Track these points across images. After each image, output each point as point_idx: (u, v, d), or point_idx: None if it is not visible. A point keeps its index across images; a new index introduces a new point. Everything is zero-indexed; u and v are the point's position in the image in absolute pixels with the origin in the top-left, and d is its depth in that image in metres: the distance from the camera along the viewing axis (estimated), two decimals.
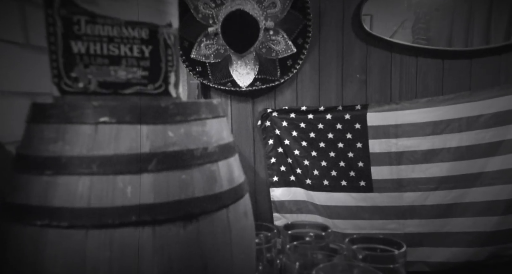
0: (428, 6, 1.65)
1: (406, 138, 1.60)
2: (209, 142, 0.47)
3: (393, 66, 1.66)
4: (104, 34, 0.43)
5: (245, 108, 1.81)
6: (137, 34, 0.43)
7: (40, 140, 0.43)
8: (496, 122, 1.50)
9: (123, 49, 0.44)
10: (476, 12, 1.66)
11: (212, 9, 1.67)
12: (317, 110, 1.70)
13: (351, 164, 1.68)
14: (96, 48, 0.43)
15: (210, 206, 0.45)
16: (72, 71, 0.43)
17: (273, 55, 1.70)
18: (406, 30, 1.78)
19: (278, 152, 1.77)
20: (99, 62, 0.43)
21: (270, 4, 1.65)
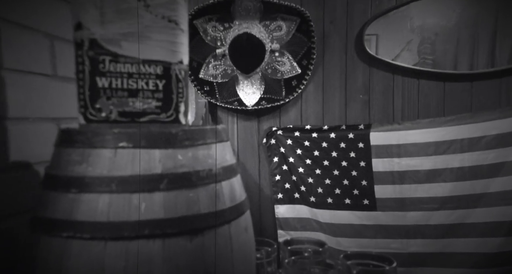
0: (429, 31, 1.72)
1: (408, 157, 1.65)
2: (213, 164, 0.54)
3: (396, 87, 1.72)
4: (125, 71, 0.50)
5: (250, 126, 1.87)
6: (153, 70, 0.51)
7: (67, 162, 0.50)
8: (498, 144, 1.54)
9: (140, 84, 0.51)
10: (481, 35, 1.72)
11: (221, 32, 1.77)
12: (321, 129, 1.76)
13: (354, 182, 1.72)
14: (118, 83, 0.50)
15: (214, 221, 0.51)
16: (96, 102, 0.50)
17: (279, 76, 1.78)
18: (411, 51, 1.83)
19: (282, 169, 1.82)
20: (119, 95, 0.51)
21: (276, 28, 1.75)
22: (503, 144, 1.53)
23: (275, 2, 1.67)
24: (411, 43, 1.80)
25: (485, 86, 1.63)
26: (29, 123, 0.62)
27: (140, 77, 0.51)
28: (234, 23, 1.75)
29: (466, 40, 1.72)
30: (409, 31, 1.80)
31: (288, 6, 1.67)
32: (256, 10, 1.72)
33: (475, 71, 1.63)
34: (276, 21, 1.74)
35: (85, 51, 0.49)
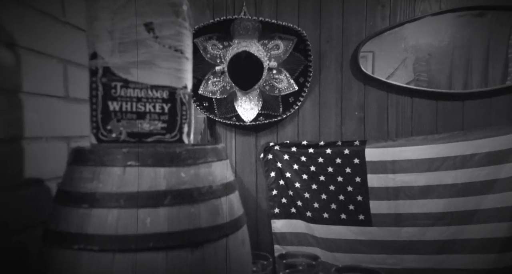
0: (423, 51, 1.79)
1: (403, 173, 1.70)
2: (214, 181, 0.59)
3: (390, 105, 1.79)
4: (134, 95, 0.56)
5: (248, 141, 1.93)
6: (160, 95, 0.57)
7: (79, 179, 0.55)
8: (489, 162, 1.60)
9: (148, 107, 0.57)
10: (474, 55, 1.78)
11: (220, 50, 1.84)
12: (317, 145, 1.81)
13: (350, 198, 1.77)
14: (127, 106, 0.56)
15: (213, 235, 0.56)
16: (107, 124, 0.55)
17: (276, 93, 1.84)
18: (407, 68, 1.90)
19: (279, 184, 1.86)
20: (129, 117, 0.56)
21: (273, 46, 1.82)
22: (494, 162, 1.59)
23: (273, 22, 1.75)
24: (407, 60, 1.87)
25: (476, 105, 1.70)
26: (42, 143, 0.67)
27: (148, 101, 0.56)
28: (233, 41, 1.82)
29: (459, 60, 1.79)
30: (403, 50, 1.87)
31: (286, 26, 1.74)
32: (255, 30, 1.79)
33: (466, 90, 1.70)
34: (274, 40, 1.82)
35: (99, 78, 0.54)
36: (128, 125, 0.56)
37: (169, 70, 0.56)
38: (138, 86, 0.55)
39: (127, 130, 0.56)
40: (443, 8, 1.71)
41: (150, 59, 0.55)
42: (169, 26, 0.56)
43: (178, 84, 0.57)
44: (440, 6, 1.72)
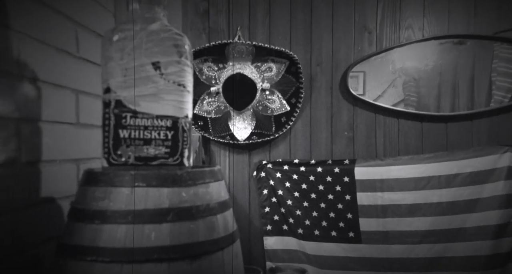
0: (409, 75, 1.92)
1: (391, 192, 1.79)
2: (211, 199, 0.67)
3: (378, 126, 1.90)
4: (142, 124, 0.65)
5: (242, 159, 2.01)
6: (164, 123, 0.66)
7: (91, 198, 0.63)
8: (472, 181, 1.70)
9: (153, 134, 0.66)
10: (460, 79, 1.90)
11: (215, 71, 1.95)
12: (308, 164, 1.90)
13: (340, 215, 1.85)
14: (136, 134, 0.65)
15: (210, 248, 0.64)
16: (118, 150, 0.64)
17: (269, 113, 1.95)
18: (397, 88, 2.01)
19: (272, 201, 1.94)
20: (136, 143, 0.65)
21: (266, 69, 1.94)
22: (477, 182, 1.69)
23: (266, 47, 1.87)
24: (396, 80, 1.99)
25: (458, 127, 1.82)
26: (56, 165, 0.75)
27: (154, 129, 0.65)
28: (228, 64, 1.94)
29: (444, 84, 1.91)
30: (391, 73, 1.99)
31: (278, 50, 1.87)
32: (249, 53, 1.91)
33: (448, 113, 1.82)
34: (267, 63, 1.93)
35: (112, 109, 0.64)
36: (136, 150, 0.65)
37: (173, 102, 0.66)
38: (145, 116, 0.65)
39: (135, 154, 0.65)
40: (426, 36, 1.85)
41: (156, 92, 0.65)
42: (173, 64, 0.66)
43: (180, 114, 0.67)
44: (423, 34, 1.86)
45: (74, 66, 0.81)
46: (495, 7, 1.79)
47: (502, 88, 1.91)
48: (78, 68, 0.82)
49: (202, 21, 1.97)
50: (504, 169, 1.66)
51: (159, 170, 0.64)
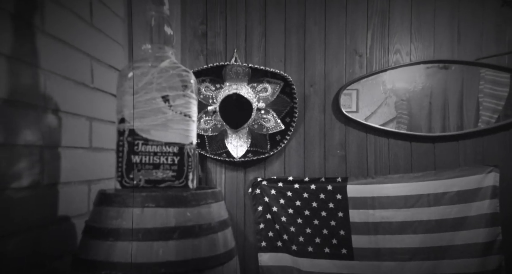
0: (399, 95, 2.04)
1: (382, 209, 1.88)
2: (212, 218, 0.76)
3: (369, 145, 2.01)
4: (152, 150, 0.74)
5: (237, 176, 2.09)
6: (171, 150, 0.75)
7: (106, 217, 0.71)
8: (459, 200, 1.80)
9: (162, 159, 0.75)
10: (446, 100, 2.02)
11: (212, 91, 2.05)
12: (302, 181, 1.99)
13: (333, 232, 1.93)
14: (146, 159, 0.74)
15: (212, 263, 0.72)
16: (130, 173, 0.73)
17: (264, 131, 2.05)
18: (389, 106, 2.12)
19: (266, 218, 2.01)
20: (147, 168, 0.74)
21: (262, 89, 2.05)
22: (464, 200, 1.80)
23: (262, 68, 1.98)
24: (388, 99, 2.10)
25: (445, 147, 1.93)
26: (71, 186, 0.84)
27: (162, 155, 0.75)
28: (224, 84, 2.05)
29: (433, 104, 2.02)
30: (383, 93, 2.10)
31: (273, 72, 1.98)
32: (245, 74, 2.02)
33: (435, 134, 1.94)
34: (263, 84, 2.05)
35: (125, 137, 0.73)
36: (146, 174, 0.74)
37: (179, 130, 0.75)
38: (155, 143, 0.74)
39: (145, 178, 0.74)
40: (413, 60, 1.98)
41: (165, 122, 0.74)
42: (180, 97, 0.75)
43: (186, 141, 0.76)
44: (410, 58, 1.99)
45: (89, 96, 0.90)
46: (477, 35, 1.93)
47: (489, 109, 2.03)
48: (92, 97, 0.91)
49: (200, 43, 2.08)
50: (489, 188, 1.77)
51: (166, 191, 0.72)
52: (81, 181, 0.86)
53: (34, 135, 0.73)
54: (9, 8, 0.66)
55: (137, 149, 0.73)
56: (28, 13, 0.72)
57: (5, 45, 0.65)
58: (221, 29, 2.08)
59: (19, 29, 0.70)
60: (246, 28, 2.08)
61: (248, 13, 2.08)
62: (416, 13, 1.99)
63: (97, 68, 0.93)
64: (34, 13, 0.74)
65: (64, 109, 0.80)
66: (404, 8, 2.00)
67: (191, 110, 0.76)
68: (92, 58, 0.91)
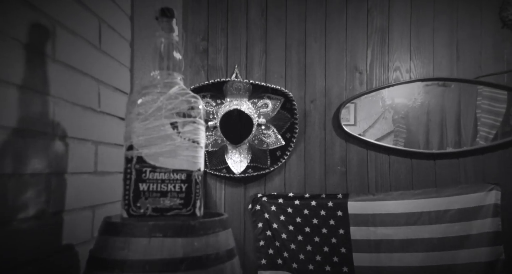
0: (398, 111, 2.04)
1: (383, 226, 1.86)
2: (219, 248, 0.74)
3: (369, 161, 2.00)
4: (159, 178, 0.72)
5: (237, 192, 2.07)
6: (179, 177, 0.74)
7: (112, 247, 0.69)
8: (460, 218, 1.79)
9: (170, 187, 0.73)
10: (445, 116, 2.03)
11: (213, 107, 2.04)
12: (303, 197, 1.97)
13: (334, 250, 1.90)
14: (154, 187, 0.72)
15: None
16: (137, 202, 0.71)
17: (264, 147, 2.03)
18: (387, 119, 2.13)
19: (267, 235, 1.99)
20: (154, 196, 0.72)
21: (263, 105, 2.04)
22: (465, 218, 1.79)
23: (263, 85, 1.98)
24: (387, 112, 2.10)
25: (446, 164, 1.93)
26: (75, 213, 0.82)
27: (170, 182, 0.73)
28: (225, 99, 2.04)
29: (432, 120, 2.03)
30: (381, 107, 2.11)
31: (274, 88, 1.98)
32: (246, 90, 2.02)
33: (436, 151, 1.94)
34: (263, 99, 2.04)
35: (133, 164, 0.71)
36: (153, 202, 0.72)
37: (188, 157, 0.74)
38: (163, 170, 0.72)
39: (152, 206, 0.72)
40: (413, 78, 1.99)
41: (174, 149, 0.73)
42: (189, 123, 0.74)
43: (194, 168, 0.75)
44: (410, 76, 2.00)
45: (95, 120, 0.89)
46: (476, 54, 1.95)
47: (486, 125, 2.04)
48: (98, 121, 0.90)
49: (201, 59, 2.08)
50: (490, 206, 1.77)
51: (174, 220, 0.70)
52: (86, 207, 0.84)
53: (41, 163, 0.71)
54: (22, 39, 0.65)
55: (144, 176, 0.71)
56: (40, 42, 0.72)
57: (17, 76, 0.64)
58: (222, 45, 2.08)
59: (31, 58, 0.69)
60: (247, 45, 2.09)
61: (249, 30, 2.08)
62: (415, 32, 2.01)
63: (104, 92, 0.92)
64: (46, 42, 0.73)
65: (71, 135, 0.79)
66: (404, 27, 2.02)
67: (200, 136, 0.75)
68: (99, 82, 0.90)
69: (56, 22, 0.74)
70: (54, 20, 0.74)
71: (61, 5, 0.76)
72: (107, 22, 0.91)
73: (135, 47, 1.03)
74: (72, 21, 0.78)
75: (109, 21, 0.92)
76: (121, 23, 0.97)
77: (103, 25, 0.89)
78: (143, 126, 0.71)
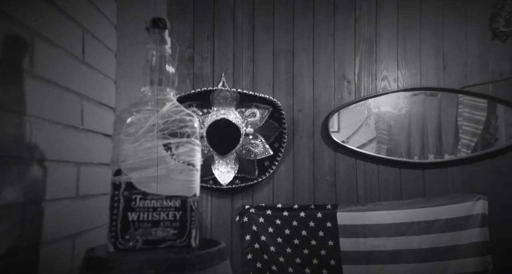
0: (382, 116, 2.02)
1: (373, 237, 1.83)
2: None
3: (358, 171, 1.96)
4: (151, 205, 0.64)
5: (224, 204, 1.99)
6: (173, 204, 0.66)
7: None
8: (449, 228, 1.77)
9: (162, 215, 0.65)
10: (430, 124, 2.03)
11: (200, 116, 1.96)
12: (291, 208, 1.91)
13: (324, 262, 1.85)
14: (144, 216, 0.64)
15: None
16: (126, 234, 0.63)
17: (252, 157, 1.97)
18: (370, 126, 2.10)
19: (254, 247, 1.92)
20: (145, 226, 0.64)
21: (250, 114, 1.98)
22: (454, 228, 1.77)
23: (251, 94, 1.91)
24: (369, 119, 2.08)
25: (434, 174, 1.91)
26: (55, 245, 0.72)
27: (163, 210, 0.65)
28: (212, 109, 1.96)
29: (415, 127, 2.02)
30: (365, 115, 2.09)
31: (262, 97, 1.92)
32: (233, 99, 1.95)
33: (424, 160, 1.92)
34: (251, 109, 1.98)
35: (121, 192, 0.63)
36: (144, 233, 0.64)
37: (182, 181, 0.66)
38: (154, 197, 0.64)
39: (143, 238, 0.63)
40: (400, 87, 1.98)
41: (167, 173, 0.65)
42: (183, 144, 0.67)
43: (189, 193, 0.67)
44: (397, 85, 1.99)
45: (77, 139, 0.79)
46: (461, 64, 1.96)
47: (468, 132, 2.05)
48: (81, 140, 0.81)
49: (187, 67, 2.00)
50: (478, 216, 1.76)
51: (167, 254, 0.62)
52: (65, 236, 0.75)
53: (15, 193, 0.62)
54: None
55: (134, 204, 0.63)
56: (17, 56, 0.62)
57: None
58: (208, 53, 2.00)
59: (6, 74, 0.60)
60: (234, 53, 2.02)
61: (236, 38, 2.02)
62: (402, 42, 2.00)
63: (88, 107, 0.82)
64: (23, 55, 0.64)
65: (51, 157, 0.69)
66: (391, 36, 2.01)
67: (195, 158, 0.68)
68: (82, 97, 0.81)
69: (34, 34, 0.65)
70: (33, 31, 0.65)
71: (40, 14, 0.67)
72: (91, 32, 0.83)
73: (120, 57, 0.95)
74: (53, 32, 0.69)
75: (93, 31, 0.83)
76: (106, 32, 0.88)
77: (86, 36, 0.81)
78: (133, 148, 0.63)
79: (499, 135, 2.10)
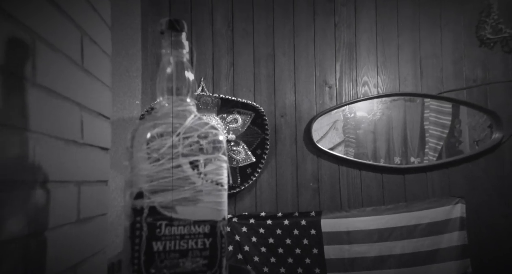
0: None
1: (357, 244, 1.84)
2: None
3: (341, 177, 1.97)
4: (178, 233, 0.56)
5: None
6: (201, 230, 0.58)
7: None
8: (430, 232, 1.82)
9: (190, 243, 0.57)
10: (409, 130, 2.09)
11: None
12: (275, 216, 1.87)
13: (308, 271, 1.83)
14: (171, 245, 0.56)
15: None
16: (151, 267, 0.54)
17: (234, 164, 1.90)
18: (338, 130, 2.13)
19: (237, 258, 1.85)
20: (172, 257, 0.56)
21: (232, 120, 1.91)
22: (435, 232, 1.82)
23: (233, 99, 1.85)
24: (337, 122, 2.11)
25: (415, 179, 1.97)
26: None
27: (191, 238, 0.57)
28: None
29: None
30: (342, 121, 2.11)
31: (244, 102, 1.86)
32: (214, 105, 1.87)
33: (404, 165, 1.97)
34: (233, 114, 1.91)
35: (144, 218, 0.54)
36: (171, 265, 0.56)
37: (211, 203, 0.59)
38: (181, 223, 0.56)
39: (170, 271, 0.55)
40: (381, 93, 2.01)
41: (194, 195, 0.57)
42: (211, 162, 0.59)
43: (218, 217, 0.60)
44: (378, 91, 2.02)
45: (78, 156, 0.69)
46: (437, 70, 2.04)
47: (434, 136, 2.15)
48: (81, 156, 0.70)
49: None
50: (457, 219, 1.83)
51: None
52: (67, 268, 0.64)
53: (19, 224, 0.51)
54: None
55: (159, 232, 0.55)
56: (18, 63, 0.51)
57: None
58: None
59: (7, 85, 0.49)
60: (213, 57, 1.94)
61: (215, 42, 1.94)
62: (381, 47, 2.04)
63: (87, 119, 0.72)
64: (25, 61, 0.53)
65: (52, 178, 0.59)
66: (370, 42, 2.04)
67: (223, 176, 0.61)
68: (82, 108, 0.70)
69: (35, 36, 0.54)
70: (34, 33, 0.54)
71: (41, 14, 0.56)
72: (89, 35, 0.72)
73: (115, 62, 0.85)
74: (53, 34, 0.58)
75: (90, 33, 0.72)
76: (102, 35, 0.78)
77: (85, 38, 0.70)
78: (155, 168, 0.54)
79: (462, 139, 2.22)
